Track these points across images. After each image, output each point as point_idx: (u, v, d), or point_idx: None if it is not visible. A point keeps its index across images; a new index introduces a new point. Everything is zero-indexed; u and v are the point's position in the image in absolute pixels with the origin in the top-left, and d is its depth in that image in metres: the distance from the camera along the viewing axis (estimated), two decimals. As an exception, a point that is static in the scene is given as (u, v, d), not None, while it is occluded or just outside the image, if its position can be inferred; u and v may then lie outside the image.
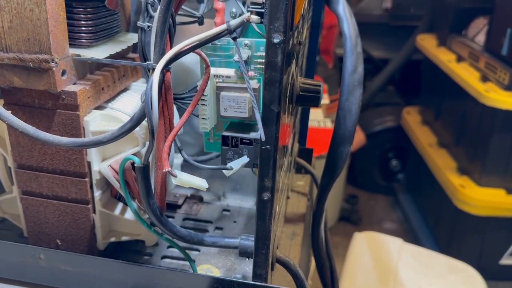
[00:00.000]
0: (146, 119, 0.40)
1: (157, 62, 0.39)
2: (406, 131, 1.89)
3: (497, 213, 1.42)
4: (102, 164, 0.46)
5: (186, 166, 0.57)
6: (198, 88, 0.42)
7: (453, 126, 1.59)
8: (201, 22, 0.49)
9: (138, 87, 0.52)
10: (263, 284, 0.42)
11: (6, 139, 0.47)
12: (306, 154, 0.73)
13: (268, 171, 0.38)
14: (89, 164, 0.46)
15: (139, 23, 0.44)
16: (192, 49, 0.39)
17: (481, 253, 1.48)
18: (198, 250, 0.55)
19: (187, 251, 0.48)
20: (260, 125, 0.36)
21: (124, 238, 0.51)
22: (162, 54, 0.39)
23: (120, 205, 0.50)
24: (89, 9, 0.45)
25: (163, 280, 0.44)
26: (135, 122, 0.41)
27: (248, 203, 0.65)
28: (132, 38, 0.51)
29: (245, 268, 0.53)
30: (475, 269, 1.10)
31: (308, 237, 0.63)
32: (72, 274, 0.46)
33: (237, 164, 0.44)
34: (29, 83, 0.42)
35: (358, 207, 1.96)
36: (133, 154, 0.45)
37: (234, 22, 0.38)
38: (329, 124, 1.59)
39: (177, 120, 0.43)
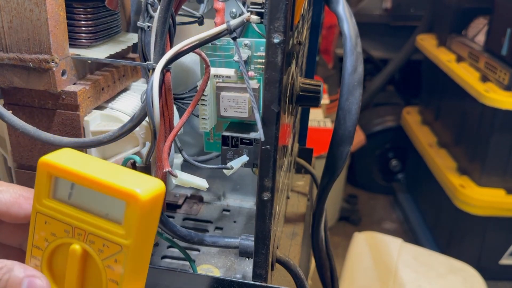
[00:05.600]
0: (146, 119, 0.40)
1: (157, 62, 0.39)
2: (406, 131, 1.89)
3: (497, 213, 1.42)
4: (102, 164, 0.46)
5: (186, 166, 0.57)
6: (198, 88, 0.42)
7: (453, 126, 1.59)
8: (201, 22, 0.49)
9: (138, 87, 0.52)
10: (263, 284, 0.42)
11: (6, 139, 0.47)
12: (306, 154, 0.73)
13: (268, 171, 0.38)
14: (89, 164, 0.46)
15: (139, 23, 0.44)
16: (192, 49, 0.39)
17: (481, 253, 1.48)
18: (198, 250, 0.55)
19: (187, 251, 0.48)
20: (259, 125, 0.36)
21: (124, 238, 0.51)
22: (162, 54, 0.39)
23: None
24: (89, 9, 0.45)
25: (163, 280, 0.44)
26: (135, 122, 0.41)
27: (248, 203, 0.65)
28: (132, 38, 0.51)
29: (245, 268, 0.53)
30: (475, 269, 1.10)
31: (308, 237, 0.63)
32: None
33: (237, 163, 0.44)
34: (29, 83, 0.42)
35: (358, 207, 1.96)
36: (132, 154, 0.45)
37: (234, 22, 0.38)
38: (329, 124, 1.59)
39: (177, 120, 0.43)
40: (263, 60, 0.36)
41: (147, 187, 0.30)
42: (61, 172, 0.31)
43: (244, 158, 0.44)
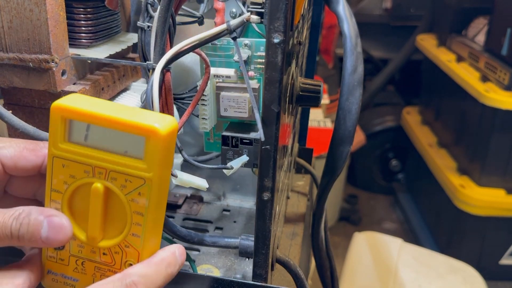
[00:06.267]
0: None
1: (157, 62, 0.39)
2: (406, 131, 1.89)
3: (497, 213, 1.42)
4: (102, 164, 0.46)
5: (186, 166, 0.57)
6: (198, 88, 0.42)
7: (453, 126, 1.59)
8: (201, 22, 0.49)
9: (138, 87, 0.52)
10: (263, 284, 0.42)
11: (6, 139, 0.47)
12: (306, 154, 0.73)
13: (268, 171, 0.38)
14: (89, 164, 0.46)
15: (139, 23, 0.44)
16: (192, 49, 0.39)
17: (481, 253, 1.48)
18: (198, 250, 0.55)
19: (187, 251, 0.48)
20: (259, 125, 0.36)
21: (124, 238, 0.51)
22: (162, 54, 0.39)
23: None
24: (89, 9, 0.45)
25: (163, 280, 0.44)
26: (135, 122, 0.41)
27: (248, 203, 0.65)
28: (132, 38, 0.51)
29: (245, 268, 0.53)
30: (475, 269, 1.10)
31: (308, 237, 0.63)
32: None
33: (237, 163, 0.44)
34: (29, 83, 0.42)
35: (358, 207, 1.96)
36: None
37: (234, 22, 0.38)
38: (329, 124, 1.59)
39: (177, 120, 0.43)
40: (263, 60, 0.36)
41: (164, 122, 0.31)
42: (76, 115, 0.32)
43: (244, 158, 0.44)
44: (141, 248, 0.33)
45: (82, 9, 0.44)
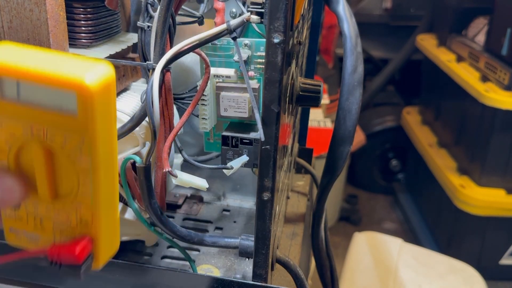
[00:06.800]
0: (146, 119, 0.40)
1: (157, 62, 0.39)
2: (406, 131, 1.89)
3: (497, 213, 1.42)
4: (102, 164, 0.46)
5: (186, 166, 0.57)
6: (198, 88, 0.42)
7: (453, 126, 1.59)
8: (201, 22, 0.49)
9: (138, 87, 0.52)
10: (263, 284, 0.42)
11: (6, 139, 0.47)
12: (306, 154, 0.73)
13: (268, 171, 0.38)
14: (89, 164, 0.46)
15: (139, 23, 0.44)
16: (192, 49, 0.39)
17: (481, 253, 1.48)
18: (198, 250, 0.55)
19: (187, 251, 0.48)
20: (259, 125, 0.36)
21: (124, 238, 0.51)
22: (162, 54, 0.39)
23: (120, 205, 0.50)
24: (89, 9, 0.45)
25: (163, 280, 0.44)
26: (135, 122, 0.41)
27: (248, 203, 0.65)
28: (132, 38, 0.51)
29: (245, 268, 0.53)
30: (475, 269, 1.10)
31: (308, 237, 0.63)
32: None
33: (237, 163, 0.44)
34: (29, 83, 0.42)
35: (358, 207, 1.96)
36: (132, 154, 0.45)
37: (234, 22, 0.38)
38: (329, 124, 1.59)
39: (177, 120, 0.43)
40: (263, 60, 0.36)
41: (95, 72, 0.28)
42: (2, 70, 0.29)
43: (244, 158, 0.44)
44: (92, 205, 0.32)
45: (82, 9, 0.44)
